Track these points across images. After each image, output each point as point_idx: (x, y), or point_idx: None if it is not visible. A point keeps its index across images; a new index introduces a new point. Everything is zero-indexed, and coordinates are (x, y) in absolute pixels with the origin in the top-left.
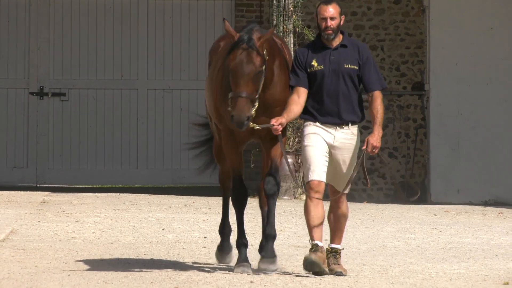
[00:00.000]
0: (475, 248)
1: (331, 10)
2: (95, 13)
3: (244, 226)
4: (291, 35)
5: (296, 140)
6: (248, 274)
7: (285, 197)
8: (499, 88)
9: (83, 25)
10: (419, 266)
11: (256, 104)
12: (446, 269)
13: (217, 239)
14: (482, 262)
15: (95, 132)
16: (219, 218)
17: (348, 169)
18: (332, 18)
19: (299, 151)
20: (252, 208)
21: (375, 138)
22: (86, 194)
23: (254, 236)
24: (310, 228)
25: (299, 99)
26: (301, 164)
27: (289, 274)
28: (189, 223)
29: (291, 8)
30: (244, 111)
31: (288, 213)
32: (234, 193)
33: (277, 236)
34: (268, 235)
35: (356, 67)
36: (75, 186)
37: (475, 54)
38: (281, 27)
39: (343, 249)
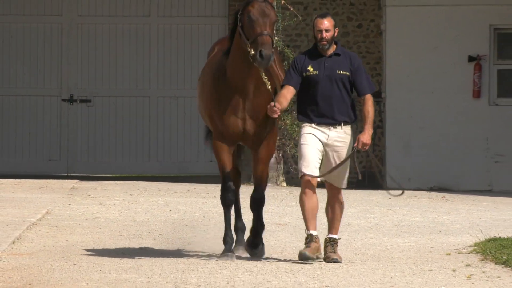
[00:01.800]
0: (422, 226)
1: (326, 23)
2: (115, 35)
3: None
4: None
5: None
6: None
7: (269, 184)
8: (442, 96)
9: (105, 45)
10: (377, 240)
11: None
12: (399, 242)
13: (214, 218)
14: (428, 237)
15: (115, 132)
16: (216, 201)
17: (343, 167)
18: (327, 30)
19: (280, 147)
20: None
21: (366, 136)
22: (107, 182)
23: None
24: (306, 219)
25: (286, 95)
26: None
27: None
28: (191, 205)
29: None
30: (270, 46)
31: (271, 197)
32: (222, 193)
33: (262, 215)
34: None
35: (348, 73)
36: (99, 175)
37: (422, 69)
38: None
39: (340, 238)
